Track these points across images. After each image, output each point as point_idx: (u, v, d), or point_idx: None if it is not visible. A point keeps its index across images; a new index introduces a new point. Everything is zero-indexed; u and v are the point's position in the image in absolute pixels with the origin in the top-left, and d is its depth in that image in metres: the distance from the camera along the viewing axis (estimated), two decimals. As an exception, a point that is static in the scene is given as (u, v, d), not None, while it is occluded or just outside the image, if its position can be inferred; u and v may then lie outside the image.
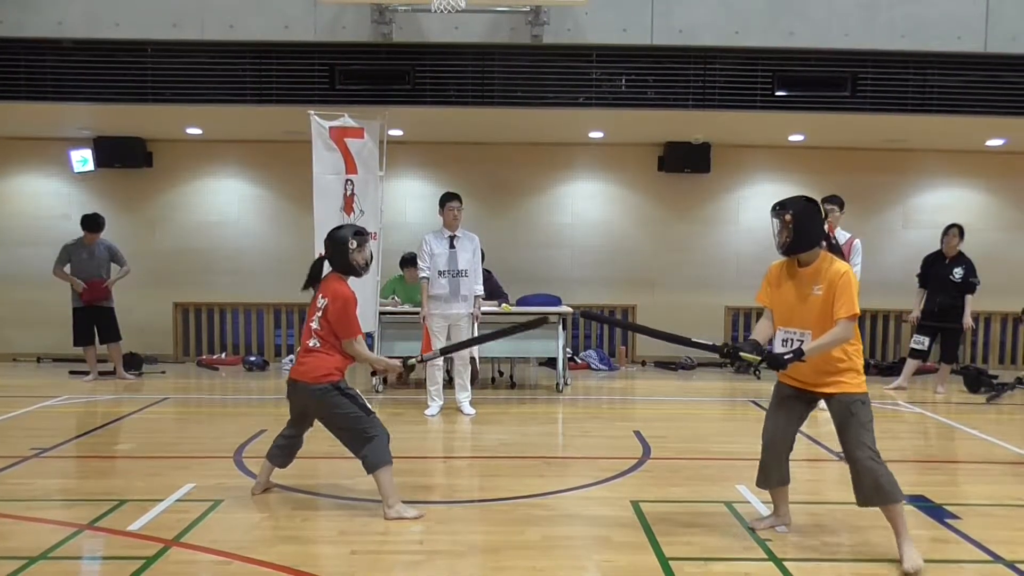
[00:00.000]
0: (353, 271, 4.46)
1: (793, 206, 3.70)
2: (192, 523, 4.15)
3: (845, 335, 3.59)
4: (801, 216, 3.69)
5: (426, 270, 6.98)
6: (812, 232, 3.72)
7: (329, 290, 4.38)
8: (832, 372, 3.71)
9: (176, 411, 7.47)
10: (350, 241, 4.39)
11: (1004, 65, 7.92)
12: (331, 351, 4.36)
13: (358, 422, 4.29)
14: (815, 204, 3.76)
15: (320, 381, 4.31)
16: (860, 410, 3.68)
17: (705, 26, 7.88)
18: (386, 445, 4.31)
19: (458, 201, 7.07)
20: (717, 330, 10.48)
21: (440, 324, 6.99)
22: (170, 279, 10.24)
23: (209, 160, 10.27)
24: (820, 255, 3.74)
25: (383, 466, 4.26)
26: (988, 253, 9.69)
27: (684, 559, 3.76)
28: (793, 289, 3.78)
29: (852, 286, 3.60)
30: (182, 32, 7.84)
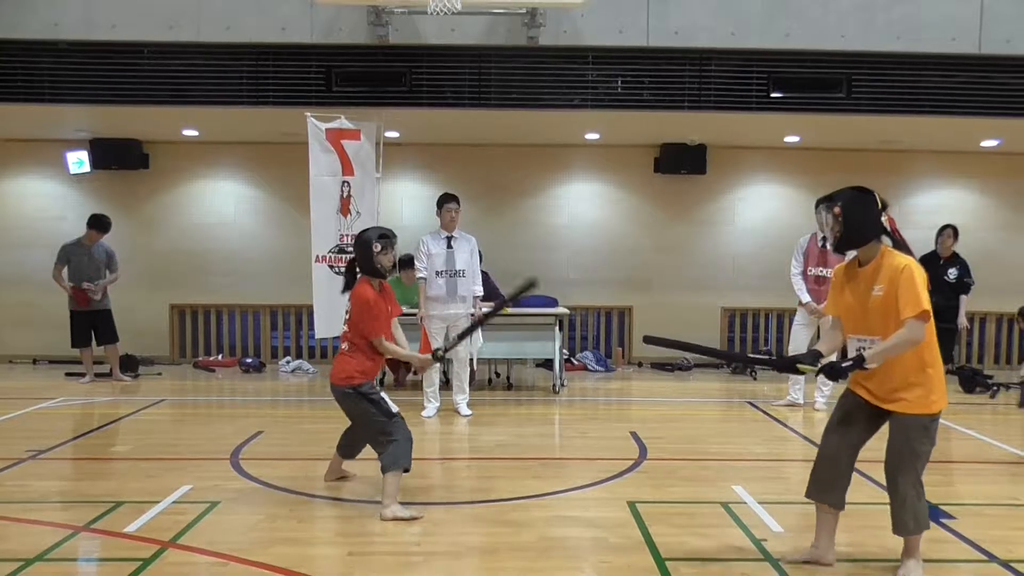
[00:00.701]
0: (378, 273, 4.49)
1: (842, 197, 3.37)
2: (189, 525, 4.15)
3: (913, 336, 3.16)
4: (851, 207, 3.33)
5: (423, 271, 6.99)
6: (866, 224, 3.33)
7: (353, 293, 4.48)
8: (899, 387, 3.31)
9: (172, 413, 7.46)
10: (374, 243, 4.43)
11: (998, 67, 7.94)
12: (355, 353, 4.45)
13: (380, 426, 4.36)
14: (868, 194, 3.38)
15: (342, 384, 4.43)
16: (918, 435, 3.29)
17: (701, 28, 7.89)
18: (406, 450, 4.33)
19: (456, 203, 7.09)
20: (713, 331, 10.51)
21: (438, 325, 6.99)
22: (166, 281, 10.23)
23: (206, 162, 10.26)
24: (880, 251, 3.36)
25: (395, 469, 4.29)
26: (983, 253, 9.74)
27: (680, 559, 3.76)
28: (855, 291, 3.40)
29: (917, 281, 3.19)
30: (178, 34, 7.84)
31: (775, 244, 10.37)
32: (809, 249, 7.34)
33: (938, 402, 3.31)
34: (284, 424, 6.87)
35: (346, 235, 7.70)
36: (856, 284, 3.40)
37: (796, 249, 7.45)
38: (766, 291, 10.43)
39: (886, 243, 3.36)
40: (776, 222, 10.37)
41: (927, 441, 3.30)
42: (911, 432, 3.28)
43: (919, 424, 3.29)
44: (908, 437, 3.28)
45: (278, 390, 8.69)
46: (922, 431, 3.28)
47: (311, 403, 8.07)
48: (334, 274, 7.68)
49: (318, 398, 8.32)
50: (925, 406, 3.28)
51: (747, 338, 10.60)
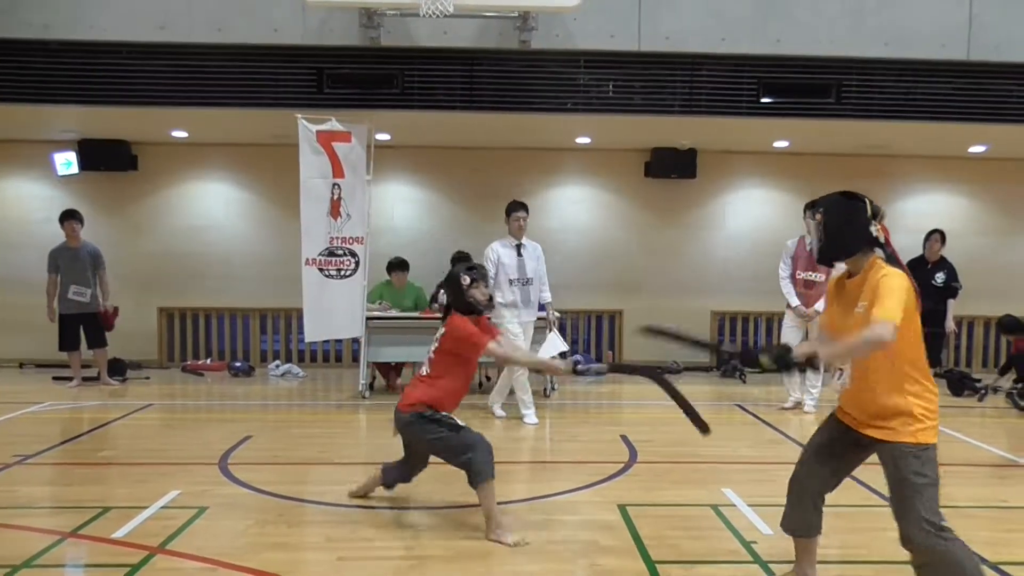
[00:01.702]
0: (473, 310, 4.22)
1: (825, 203, 3.05)
2: (177, 530, 4.12)
3: (875, 335, 2.70)
4: (835, 214, 2.99)
5: (493, 278, 6.85)
6: (850, 234, 2.95)
7: (449, 322, 4.22)
8: (881, 412, 2.91)
9: (161, 417, 7.41)
10: (463, 277, 4.19)
11: (987, 73, 8.01)
12: (432, 382, 4.21)
13: (449, 440, 4.13)
14: (856, 200, 3.00)
15: (407, 410, 4.20)
16: (907, 464, 2.84)
17: (692, 33, 7.92)
18: (486, 456, 4.07)
19: (524, 210, 7.08)
20: (703, 334, 10.48)
21: (517, 332, 6.91)
22: (155, 284, 10.17)
23: (195, 163, 10.21)
24: (868, 263, 2.95)
25: (483, 481, 4.05)
26: (970, 258, 9.81)
27: (671, 562, 3.77)
28: (841, 307, 3.04)
29: (894, 289, 2.78)
30: (169, 35, 7.80)
31: (765, 248, 10.41)
32: (797, 252, 7.37)
33: (926, 432, 2.86)
34: (273, 428, 6.84)
35: (336, 238, 7.70)
36: (843, 299, 3.05)
37: (784, 252, 7.49)
38: (756, 295, 10.46)
39: (879, 255, 2.96)
40: (766, 226, 10.42)
41: (923, 472, 2.83)
42: (899, 461, 2.86)
43: (907, 453, 2.85)
44: (898, 467, 2.86)
45: (267, 394, 8.65)
46: (913, 460, 2.83)
47: (300, 407, 8.03)
48: (324, 277, 7.69)
49: (308, 402, 8.29)
50: (910, 435, 2.85)
51: (736, 341, 10.63)
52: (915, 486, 2.82)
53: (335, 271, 7.71)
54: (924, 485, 2.82)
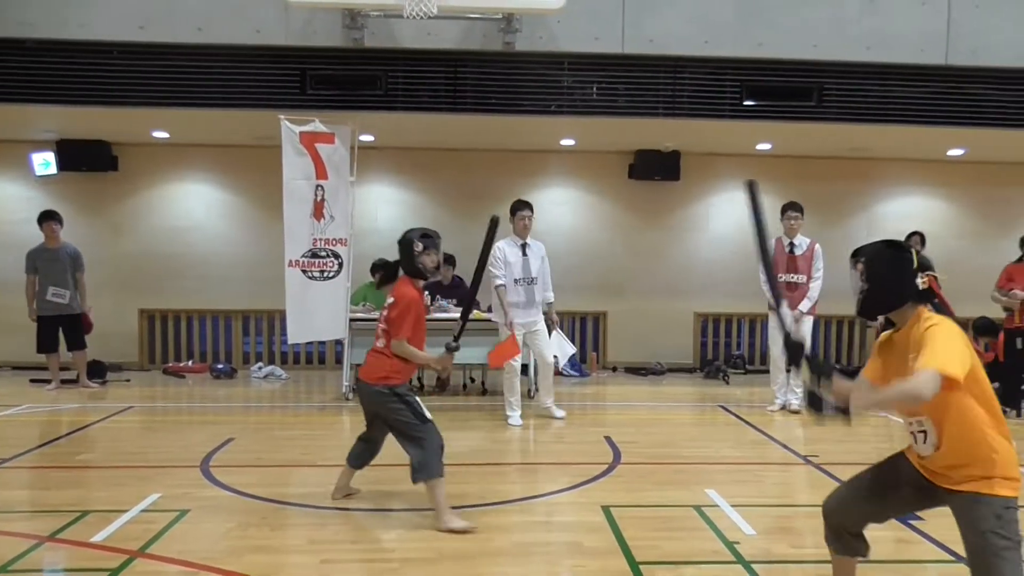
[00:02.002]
0: (420, 274, 4.45)
1: (867, 252, 2.81)
2: (158, 534, 4.08)
3: (917, 387, 2.44)
4: (875, 264, 2.77)
5: (502, 278, 6.97)
6: (893, 285, 2.73)
7: (396, 291, 4.42)
8: (956, 463, 2.65)
9: (141, 420, 7.34)
10: (415, 243, 4.39)
11: (964, 77, 8.11)
12: (392, 352, 4.36)
13: (412, 429, 4.28)
14: (900, 250, 2.78)
15: (379, 383, 4.34)
16: (987, 521, 2.56)
17: (675, 36, 7.96)
18: (435, 456, 4.23)
19: (529, 209, 7.15)
20: (686, 336, 10.59)
21: (518, 331, 6.94)
22: (136, 285, 10.08)
23: (176, 164, 10.14)
24: (915, 315, 2.72)
25: (430, 479, 4.20)
26: (949, 260, 9.88)
27: (654, 563, 3.78)
28: (891, 362, 2.82)
29: (941, 336, 2.55)
30: (150, 34, 7.74)
31: (747, 250, 10.39)
32: (775, 255, 7.41)
33: (1005, 486, 2.59)
34: (256, 431, 6.79)
35: (319, 239, 7.67)
36: (891, 353, 2.82)
37: None
38: (739, 297, 10.52)
39: (927, 308, 2.75)
40: (748, 229, 10.42)
41: (1006, 532, 2.54)
42: (981, 524, 2.57)
43: (988, 511, 2.57)
44: (980, 531, 2.57)
45: (250, 396, 8.59)
46: (994, 520, 2.55)
47: (283, 409, 7.99)
48: (307, 279, 7.65)
49: (290, 404, 8.24)
50: (988, 486, 2.58)
51: (720, 342, 10.70)
52: (996, 549, 2.55)
53: (318, 272, 7.68)
54: (1006, 548, 2.55)
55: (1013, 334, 7.54)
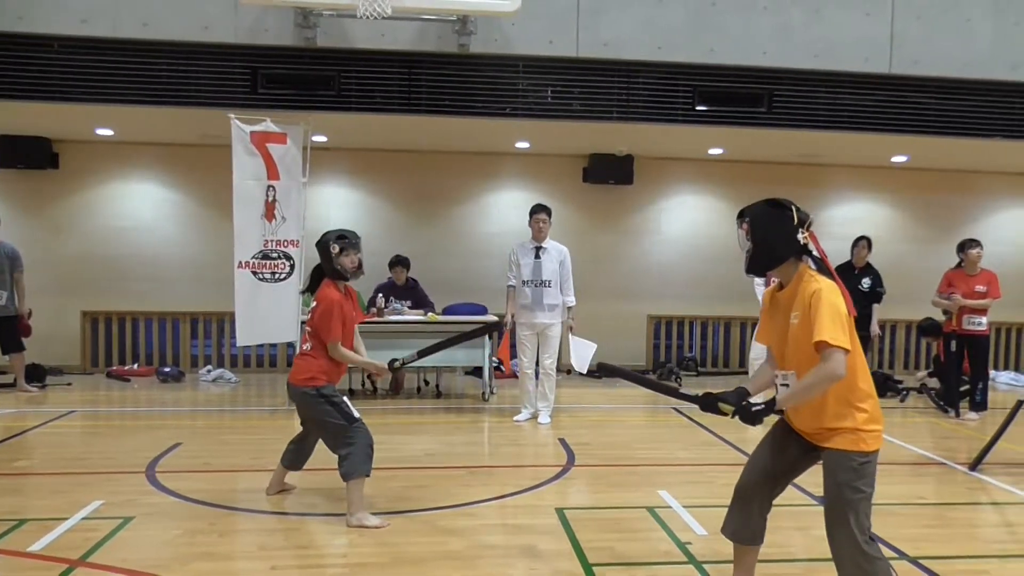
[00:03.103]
0: (340, 276, 4.47)
1: (750, 212, 2.98)
2: (100, 542, 3.96)
3: (829, 372, 2.69)
4: (759, 223, 2.93)
5: (512, 279, 7.18)
6: (776, 243, 2.89)
7: (319, 294, 4.46)
8: (826, 423, 2.87)
9: (83, 425, 7.13)
10: (332, 245, 4.42)
11: (907, 86, 8.34)
12: (318, 354, 4.41)
13: (340, 430, 4.31)
14: (782, 208, 2.94)
15: (304, 384, 4.37)
16: (847, 476, 2.81)
17: (629, 40, 8.03)
18: (366, 455, 4.29)
19: (545, 213, 7.20)
20: (640, 339, 10.69)
21: (528, 334, 7.16)
22: (78, 286, 9.79)
23: (121, 162, 9.88)
24: (798, 273, 2.90)
25: (356, 476, 4.25)
26: (893, 264, 10.19)
27: (607, 564, 3.80)
28: (776, 320, 3.00)
29: (827, 305, 2.74)
30: (92, 28, 7.52)
31: (699, 253, 10.65)
32: None
33: (870, 440, 2.84)
34: (204, 435, 6.65)
35: (270, 240, 7.54)
36: (777, 311, 3.00)
37: None
38: (691, 299, 10.69)
39: (808, 264, 2.93)
40: (700, 232, 10.65)
41: (861, 485, 2.81)
42: (840, 475, 2.82)
43: (847, 464, 2.82)
44: (837, 482, 2.83)
45: (198, 400, 8.40)
46: (852, 473, 2.81)
47: (233, 413, 7.83)
48: (257, 280, 7.51)
49: (240, 408, 8.09)
50: (853, 443, 2.82)
51: (672, 345, 10.82)
52: (848, 500, 2.80)
53: (269, 274, 7.55)
54: (858, 500, 2.80)
55: (949, 337, 7.78)
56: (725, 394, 2.87)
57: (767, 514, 3.13)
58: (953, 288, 7.65)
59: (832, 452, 2.86)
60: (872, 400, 2.89)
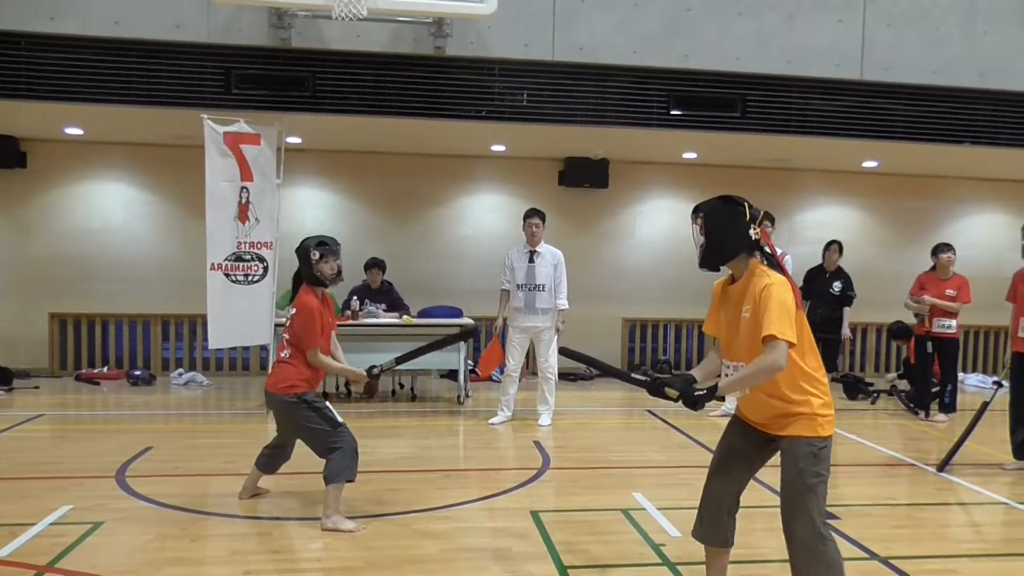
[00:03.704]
0: (319, 282, 4.46)
1: (704, 208, 3.04)
2: (68, 547, 3.90)
3: (769, 363, 2.77)
4: (712, 218, 2.99)
5: (506, 283, 7.22)
6: (728, 238, 2.97)
7: (297, 300, 4.44)
8: (784, 413, 2.95)
9: (52, 429, 7.01)
10: (312, 252, 4.42)
11: (877, 92, 8.47)
12: (297, 362, 4.38)
13: (324, 436, 4.29)
14: (734, 204, 3.00)
15: (285, 392, 4.34)
16: (807, 463, 2.89)
17: (604, 45, 8.07)
18: (350, 459, 4.28)
19: (538, 217, 7.27)
20: (615, 341, 10.74)
21: (520, 337, 7.20)
22: (46, 288, 9.63)
23: (91, 162, 9.73)
24: (750, 267, 2.99)
25: (339, 480, 4.24)
26: (864, 268, 10.34)
27: (582, 567, 3.81)
28: (727, 312, 3.07)
29: (775, 300, 2.81)
30: (61, 26, 7.39)
31: (673, 257, 10.72)
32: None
33: (826, 425, 2.93)
34: (175, 439, 6.56)
35: (244, 242, 7.47)
36: (728, 303, 3.07)
37: None
38: (665, 302, 10.75)
39: (759, 259, 3.00)
40: (674, 236, 10.71)
41: (820, 469, 2.90)
42: (800, 461, 2.89)
43: (807, 451, 2.89)
44: (798, 468, 2.90)
45: (169, 404, 8.29)
46: (811, 458, 2.89)
47: (205, 417, 7.74)
48: (230, 282, 7.44)
49: (213, 411, 8.00)
50: (810, 428, 2.91)
51: (647, 348, 10.88)
52: (808, 485, 2.88)
53: (242, 276, 7.48)
54: (816, 484, 2.89)
55: (923, 340, 7.90)
56: (671, 379, 2.95)
57: (735, 514, 3.18)
58: (925, 291, 7.78)
59: (791, 439, 2.93)
60: (824, 386, 2.98)
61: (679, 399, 2.91)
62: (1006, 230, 10.81)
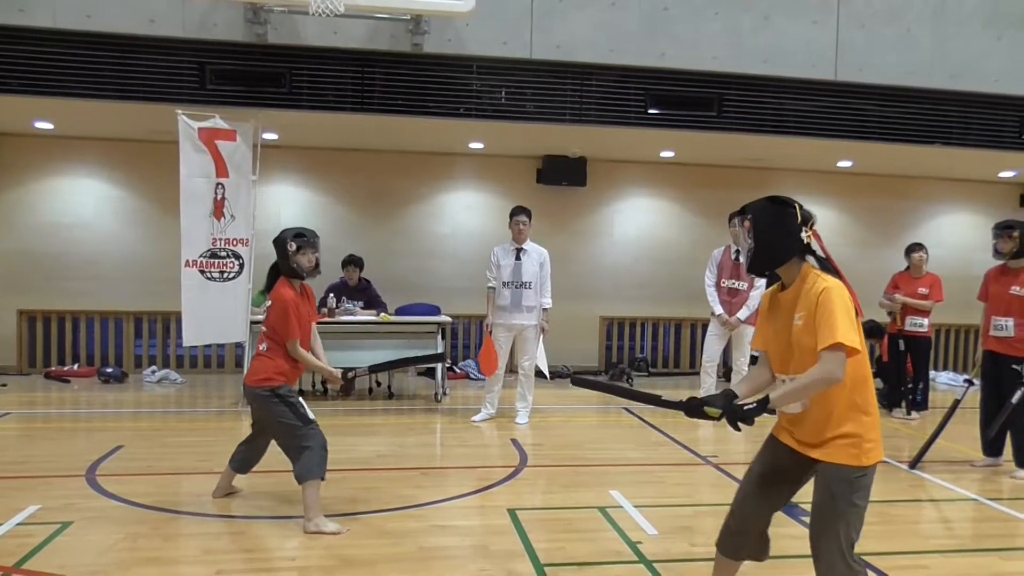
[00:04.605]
0: (296, 274, 4.43)
1: (753, 208, 2.84)
2: (36, 547, 3.83)
3: (826, 373, 2.57)
4: (763, 219, 2.79)
5: (492, 281, 7.17)
6: (778, 241, 2.77)
7: (274, 293, 4.40)
8: (827, 433, 2.72)
9: (19, 427, 6.89)
10: (289, 243, 4.38)
11: (851, 93, 8.56)
12: (275, 355, 4.35)
13: (294, 431, 4.25)
14: (786, 205, 2.80)
15: (261, 385, 4.31)
16: (842, 490, 2.68)
17: (582, 43, 8.08)
18: (321, 459, 4.24)
19: (524, 215, 7.24)
20: (592, 340, 10.76)
21: (504, 335, 7.18)
22: (14, 285, 9.47)
23: (62, 157, 9.57)
24: (802, 272, 2.79)
25: (310, 479, 4.19)
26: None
27: (559, 564, 3.80)
28: (777, 322, 2.86)
29: (836, 305, 2.61)
30: (30, 18, 7.26)
31: (650, 255, 10.77)
32: (723, 261, 7.66)
33: (871, 453, 2.70)
34: (147, 437, 6.47)
35: (219, 239, 7.40)
36: (778, 313, 2.85)
37: (711, 261, 7.77)
38: (642, 301, 10.80)
39: (812, 263, 2.82)
40: (651, 234, 10.77)
41: (855, 498, 2.68)
42: (834, 486, 2.69)
43: (844, 477, 2.68)
44: (832, 493, 2.70)
45: (141, 401, 8.18)
46: (847, 486, 2.67)
47: (178, 415, 7.65)
48: (205, 279, 7.37)
49: (186, 409, 7.91)
50: (853, 457, 2.68)
51: (624, 346, 10.92)
52: (840, 511, 2.69)
53: (218, 273, 7.41)
54: (851, 512, 2.69)
55: (895, 338, 8.00)
56: (711, 397, 2.75)
57: (768, 534, 3.02)
58: (898, 290, 7.87)
59: (829, 465, 2.72)
60: (875, 407, 2.77)
61: (722, 417, 2.71)
62: (976, 230, 10.97)
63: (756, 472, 2.98)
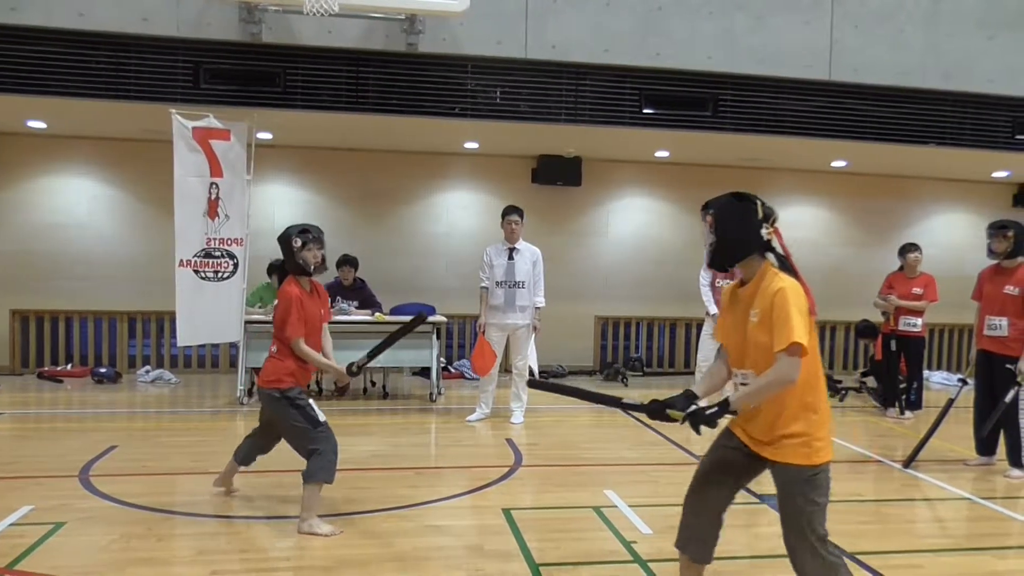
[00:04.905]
0: (302, 270, 4.37)
1: (714, 204, 2.87)
2: (29, 548, 3.81)
3: (782, 375, 2.62)
4: (723, 216, 2.82)
5: (485, 280, 7.16)
6: (740, 236, 2.79)
7: (280, 291, 4.37)
8: (779, 432, 2.77)
9: (12, 427, 6.86)
10: (294, 239, 4.33)
11: (846, 93, 8.58)
12: (284, 356, 4.32)
13: (304, 433, 4.23)
14: (746, 202, 2.81)
15: (271, 386, 4.28)
16: (801, 488, 2.73)
17: (577, 43, 8.08)
18: (330, 461, 4.21)
19: (517, 215, 7.23)
20: (587, 339, 10.76)
21: (498, 335, 7.16)
22: (7, 285, 9.44)
23: (55, 157, 9.54)
24: (761, 269, 2.80)
25: (316, 481, 4.17)
26: (832, 267, 10.48)
27: (554, 564, 3.80)
28: (735, 317, 2.88)
29: (790, 305, 2.63)
30: (23, 16, 7.24)
31: (645, 255, 10.79)
32: None
33: (821, 452, 2.74)
34: (141, 438, 6.46)
35: (213, 239, 7.38)
36: (736, 307, 2.88)
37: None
38: (637, 300, 10.81)
39: (771, 261, 2.81)
40: (646, 234, 10.78)
41: (814, 496, 2.73)
42: (791, 486, 2.75)
43: (798, 477, 2.73)
44: (789, 493, 2.76)
45: (135, 402, 8.16)
46: (803, 485, 2.73)
47: (172, 415, 7.63)
48: (199, 279, 7.35)
49: (180, 409, 7.88)
50: (805, 456, 2.72)
51: (619, 345, 10.93)
52: (804, 511, 2.73)
53: (212, 273, 7.39)
54: (813, 510, 2.73)
55: (888, 338, 8.02)
56: (672, 399, 2.78)
57: (719, 528, 3.02)
58: (892, 290, 7.89)
59: (782, 466, 2.77)
60: (825, 405, 2.81)
61: (684, 420, 2.74)
62: (970, 230, 11.00)
63: (704, 469, 3.01)
